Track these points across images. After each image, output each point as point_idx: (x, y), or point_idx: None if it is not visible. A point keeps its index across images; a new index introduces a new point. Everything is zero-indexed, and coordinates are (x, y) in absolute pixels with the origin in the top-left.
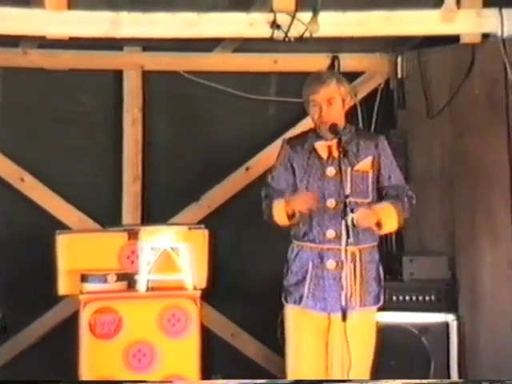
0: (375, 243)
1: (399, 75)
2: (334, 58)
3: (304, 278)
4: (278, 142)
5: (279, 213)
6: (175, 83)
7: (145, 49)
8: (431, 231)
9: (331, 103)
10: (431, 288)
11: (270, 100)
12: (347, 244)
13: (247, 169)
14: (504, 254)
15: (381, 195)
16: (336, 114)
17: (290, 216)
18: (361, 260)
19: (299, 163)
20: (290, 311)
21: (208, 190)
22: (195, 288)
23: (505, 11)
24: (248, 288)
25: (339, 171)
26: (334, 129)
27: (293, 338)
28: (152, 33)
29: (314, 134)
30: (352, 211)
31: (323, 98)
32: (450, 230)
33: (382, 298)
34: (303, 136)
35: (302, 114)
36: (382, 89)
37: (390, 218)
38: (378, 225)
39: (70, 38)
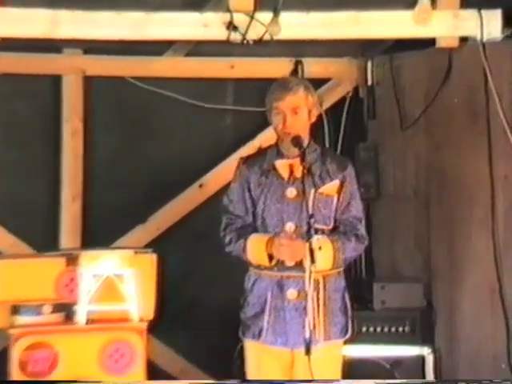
0: (340, 269)
1: (369, 82)
2: (297, 63)
3: (263, 309)
4: (235, 156)
5: (259, 255)
6: (121, 90)
7: (86, 51)
8: (405, 255)
9: (296, 113)
10: (405, 318)
11: (226, 109)
12: (311, 271)
13: (201, 186)
14: (485, 280)
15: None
16: (300, 125)
17: (272, 257)
18: (325, 288)
19: (256, 184)
20: (249, 347)
21: (157, 209)
22: (141, 319)
23: (484, 13)
24: (200, 318)
25: (301, 191)
26: (296, 140)
27: (253, 376)
28: (94, 34)
29: (275, 150)
30: (316, 233)
31: (288, 107)
32: (425, 253)
33: (349, 329)
34: (262, 154)
35: (262, 124)
36: (350, 97)
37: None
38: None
39: (3, 39)
